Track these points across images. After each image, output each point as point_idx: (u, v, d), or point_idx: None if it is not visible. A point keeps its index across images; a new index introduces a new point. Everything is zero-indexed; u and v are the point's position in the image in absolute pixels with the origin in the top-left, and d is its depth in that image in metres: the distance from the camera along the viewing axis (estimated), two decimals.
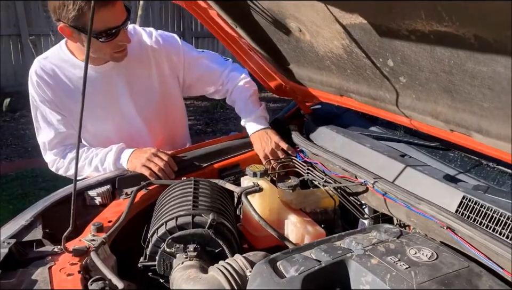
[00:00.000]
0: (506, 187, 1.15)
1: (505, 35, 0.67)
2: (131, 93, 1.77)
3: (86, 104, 1.62)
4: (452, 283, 0.91)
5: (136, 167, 1.62)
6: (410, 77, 1.00)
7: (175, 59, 1.82)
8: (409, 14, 0.80)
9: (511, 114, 0.82)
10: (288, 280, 0.96)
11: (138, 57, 1.75)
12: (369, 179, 1.27)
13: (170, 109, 1.89)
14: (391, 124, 1.49)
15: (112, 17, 1.52)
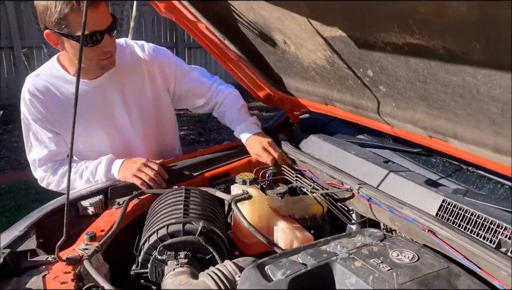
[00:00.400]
0: (485, 190, 1.19)
1: (470, 47, 0.72)
2: (125, 105, 1.79)
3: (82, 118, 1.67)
4: (432, 283, 0.95)
5: (127, 177, 1.65)
6: (389, 86, 1.05)
7: (167, 71, 1.85)
8: (384, 28, 0.85)
9: (482, 120, 0.87)
10: (275, 283, 0.99)
11: (131, 69, 1.78)
12: (354, 185, 1.31)
13: (162, 119, 1.92)
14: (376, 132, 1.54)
15: (95, 21, 1.51)
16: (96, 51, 1.58)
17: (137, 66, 1.79)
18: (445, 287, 0.94)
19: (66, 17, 1.49)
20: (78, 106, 1.60)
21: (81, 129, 1.72)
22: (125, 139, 1.84)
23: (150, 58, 1.81)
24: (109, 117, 1.79)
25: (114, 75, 1.74)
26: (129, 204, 1.55)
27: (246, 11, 1.22)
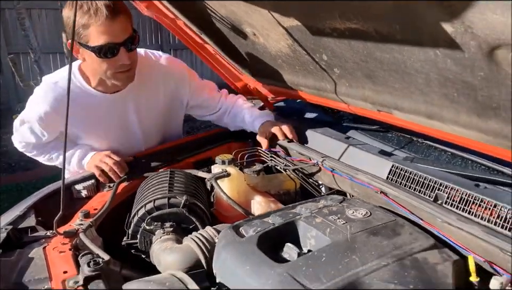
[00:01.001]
0: (431, 158, 1.37)
1: (392, 29, 0.89)
2: (138, 117, 1.86)
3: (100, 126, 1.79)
4: (379, 232, 1.12)
5: (90, 166, 1.75)
6: (341, 67, 1.22)
7: (182, 87, 1.91)
8: (329, 16, 1.01)
9: (414, 91, 1.04)
10: (247, 238, 1.15)
11: (148, 82, 1.81)
12: (319, 159, 1.48)
13: (170, 127, 2.00)
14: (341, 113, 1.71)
15: (111, 33, 1.52)
16: (111, 64, 1.59)
17: (154, 79, 1.83)
18: (391, 235, 1.11)
19: (85, 27, 1.52)
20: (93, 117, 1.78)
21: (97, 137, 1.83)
22: (133, 147, 1.92)
23: (167, 71, 1.85)
24: (124, 126, 1.86)
25: (131, 91, 1.78)
26: (119, 186, 1.70)
27: (218, 7, 1.38)
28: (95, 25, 1.51)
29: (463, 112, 0.98)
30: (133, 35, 1.60)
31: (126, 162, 1.78)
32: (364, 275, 0.97)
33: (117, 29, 1.53)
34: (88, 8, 1.51)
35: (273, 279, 0.98)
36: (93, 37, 1.53)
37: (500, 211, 1.06)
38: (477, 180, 1.15)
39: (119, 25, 1.53)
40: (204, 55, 1.85)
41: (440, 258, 1.04)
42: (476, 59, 0.79)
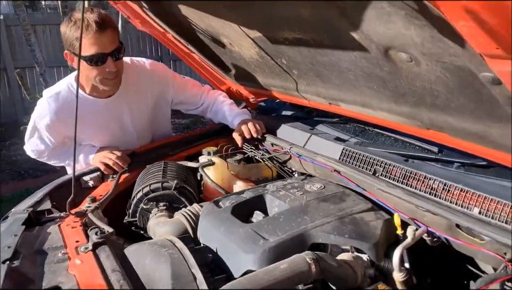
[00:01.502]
0: (378, 142, 1.64)
1: (323, 37, 1.17)
2: (131, 118, 2.08)
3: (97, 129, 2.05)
4: (329, 199, 1.40)
5: (95, 162, 1.99)
6: (298, 69, 1.50)
7: (166, 87, 2.15)
8: (280, 28, 1.30)
9: (350, 85, 1.32)
10: (223, 208, 1.43)
11: (136, 87, 2.05)
12: (287, 147, 1.76)
13: (159, 123, 2.25)
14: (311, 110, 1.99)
15: (100, 44, 1.74)
16: (100, 71, 1.80)
17: (141, 83, 2.05)
18: (337, 201, 1.39)
19: (77, 40, 1.74)
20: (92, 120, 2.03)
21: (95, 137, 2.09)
22: (128, 143, 2.17)
23: (152, 74, 2.08)
24: (118, 127, 2.09)
25: (122, 95, 2.01)
26: (121, 177, 1.98)
27: (198, 21, 1.67)
28: (86, 38, 1.73)
29: (384, 100, 1.25)
30: (119, 46, 1.82)
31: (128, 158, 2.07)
32: (311, 229, 1.25)
33: (105, 41, 1.76)
34: (75, 23, 1.77)
35: (241, 234, 1.26)
36: (84, 47, 1.75)
37: (429, 181, 1.33)
38: (408, 157, 1.43)
39: (106, 38, 1.76)
40: (192, 63, 2.13)
41: (374, 217, 1.32)
42: (378, 58, 1.07)
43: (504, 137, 0.97)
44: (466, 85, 0.91)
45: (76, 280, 1.27)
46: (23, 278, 1.30)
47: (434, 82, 0.99)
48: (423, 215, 1.26)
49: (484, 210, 1.14)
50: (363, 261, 1.23)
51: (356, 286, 1.18)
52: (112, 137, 2.12)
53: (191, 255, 1.25)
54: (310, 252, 1.14)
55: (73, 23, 1.79)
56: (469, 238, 1.16)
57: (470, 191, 1.19)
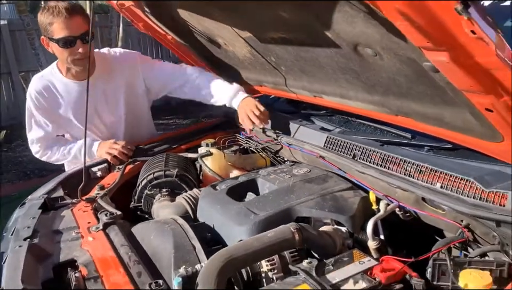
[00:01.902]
0: (359, 131, 1.81)
1: (303, 36, 1.34)
2: (107, 101, 2.25)
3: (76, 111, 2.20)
4: (313, 180, 1.57)
5: (102, 154, 2.16)
6: (285, 66, 1.68)
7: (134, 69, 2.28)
8: (267, 29, 1.47)
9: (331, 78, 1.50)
10: (219, 190, 1.60)
11: (110, 72, 2.23)
12: (277, 137, 1.93)
13: (138, 109, 2.38)
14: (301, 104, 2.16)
15: (69, 28, 1.95)
16: (69, 52, 2.01)
17: (113, 69, 2.23)
18: (321, 182, 1.56)
19: (51, 24, 1.96)
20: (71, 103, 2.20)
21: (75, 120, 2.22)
22: (109, 127, 2.34)
23: (122, 60, 2.27)
24: (96, 111, 2.24)
25: (98, 78, 2.18)
26: (126, 168, 2.15)
27: (196, 24, 1.84)
28: (57, 22, 1.95)
29: (359, 91, 1.42)
30: (87, 31, 1.97)
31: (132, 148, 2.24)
32: (296, 205, 1.42)
33: (74, 25, 1.96)
34: (52, 11, 1.96)
35: (234, 210, 1.43)
36: (56, 31, 1.97)
37: (401, 163, 1.50)
38: (384, 143, 1.60)
39: (75, 23, 1.96)
40: (191, 63, 2.31)
41: (352, 194, 1.49)
42: (350, 53, 1.24)
43: (454, 119, 1.14)
44: (420, 74, 1.08)
45: (89, 254, 1.44)
46: (43, 253, 1.47)
47: (396, 73, 1.16)
48: (394, 192, 1.43)
49: (445, 184, 1.31)
50: (342, 232, 1.40)
51: (336, 254, 1.34)
52: (93, 122, 2.25)
53: (190, 229, 1.42)
54: (294, 223, 1.31)
55: (47, 10, 1.99)
56: (432, 209, 1.33)
57: (434, 168, 1.36)
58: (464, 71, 0.86)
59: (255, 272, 1.28)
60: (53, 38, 2.00)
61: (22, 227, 1.58)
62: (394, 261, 1.19)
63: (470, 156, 1.39)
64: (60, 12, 1.95)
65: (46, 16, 1.98)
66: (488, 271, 1.09)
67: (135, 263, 1.33)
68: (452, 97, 1.06)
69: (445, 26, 0.77)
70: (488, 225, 1.21)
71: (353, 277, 1.16)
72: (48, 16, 1.98)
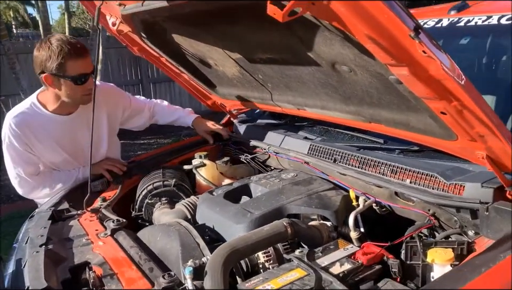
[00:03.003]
0: (339, 139, 2.03)
1: (288, 56, 1.56)
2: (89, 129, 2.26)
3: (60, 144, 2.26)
4: (300, 183, 1.77)
5: (98, 170, 2.28)
6: (271, 82, 1.89)
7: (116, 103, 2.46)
8: (255, 51, 1.68)
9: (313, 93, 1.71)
10: (217, 195, 1.79)
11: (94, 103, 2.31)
12: (265, 147, 2.13)
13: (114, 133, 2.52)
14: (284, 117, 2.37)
15: (84, 66, 2.05)
16: (82, 89, 2.09)
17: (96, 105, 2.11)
18: (307, 184, 1.76)
19: (66, 62, 1.99)
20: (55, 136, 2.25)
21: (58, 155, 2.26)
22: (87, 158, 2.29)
23: (105, 95, 2.34)
24: (79, 145, 2.29)
25: (81, 114, 2.24)
26: (125, 181, 2.31)
27: (188, 47, 2.04)
28: (72, 60, 2.00)
29: (337, 102, 1.64)
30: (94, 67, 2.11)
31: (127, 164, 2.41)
32: (286, 204, 1.61)
33: (87, 62, 2.08)
34: (60, 49, 1.98)
35: (232, 211, 1.61)
36: (71, 69, 2.02)
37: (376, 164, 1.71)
38: (360, 148, 1.82)
39: (88, 60, 2.09)
40: (182, 82, 2.50)
41: (335, 193, 1.70)
42: (329, 71, 1.46)
43: (417, 122, 1.37)
44: (387, 86, 1.30)
45: (101, 256, 1.60)
46: (58, 257, 1.62)
47: (368, 86, 1.39)
48: (371, 189, 1.65)
49: (414, 180, 1.54)
50: (328, 226, 1.60)
51: (323, 244, 1.54)
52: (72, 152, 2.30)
53: (194, 229, 1.59)
54: (287, 219, 1.50)
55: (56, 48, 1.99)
56: (404, 202, 1.55)
57: (404, 167, 1.58)
58: (421, 82, 1.09)
59: (253, 263, 1.46)
60: (67, 76, 2.04)
61: (36, 236, 1.72)
62: (374, 246, 1.39)
63: (434, 156, 1.62)
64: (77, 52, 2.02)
65: (55, 54, 2.00)
66: (451, 249, 1.31)
67: (146, 261, 1.50)
68: (414, 104, 1.28)
69: (403, 48, 0.99)
70: (450, 212, 1.43)
71: (339, 261, 1.36)
72: (58, 54, 1.99)
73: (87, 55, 2.09)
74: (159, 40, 2.07)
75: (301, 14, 1.01)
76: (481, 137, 1.20)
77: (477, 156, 1.31)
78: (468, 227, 1.39)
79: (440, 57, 0.97)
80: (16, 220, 5.32)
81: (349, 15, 0.96)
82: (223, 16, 1.46)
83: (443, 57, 0.98)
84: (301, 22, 1.10)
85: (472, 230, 1.39)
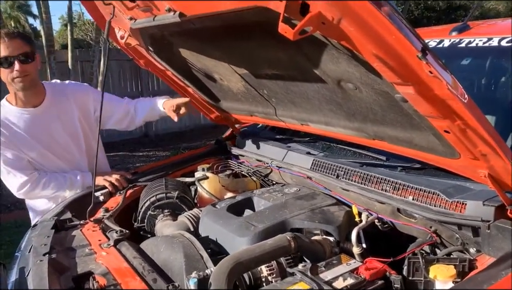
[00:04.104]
0: (341, 155, 2.06)
1: (294, 73, 1.59)
2: (63, 128, 2.38)
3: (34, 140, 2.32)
4: (303, 197, 1.79)
5: (100, 181, 2.31)
6: (276, 98, 1.92)
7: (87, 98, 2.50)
8: (262, 66, 1.72)
9: (318, 109, 1.74)
10: (220, 208, 1.80)
11: (62, 101, 2.41)
12: (268, 161, 2.16)
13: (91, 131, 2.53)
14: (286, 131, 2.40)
15: (8, 49, 2.11)
16: (8, 72, 2.16)
17: (66, 98, 2.41)
18: (310, 199, 1.78)
19: None
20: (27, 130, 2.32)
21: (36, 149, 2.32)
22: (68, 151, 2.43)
23: (74, 90, 2.47)
24: (53, 138, 2.37)
25: (50, 107, 2.35)
26: (127, 192, 2.32)
27: (195, 61, 2.08)
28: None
29: (341, 119, 1.67)
30: (26, 52, 2.17)
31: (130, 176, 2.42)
32: (289, 218, 1.63)
33: (13, 46, 2.14)
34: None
35: (236, 224, 1.63)
36: None
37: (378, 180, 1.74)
38: (363, 164, 1.84)
39: (15, 44, 2.14)
40: (186, 95, 2.53)
41: (338, 209, 1.72)
42: (334, 88, 1.49)
43: (421, 140, 1.40)
44: (392, 104, 1.33)
45: (104, 266, 1.60)
46: (62, 266, 1.63)
47: (372, 103, 1.42)
48: (373, 205, 1.67)
49: (416, 197, 1.56)
50: (330, 241, 1.61)
51: (325, 259, 1.55)
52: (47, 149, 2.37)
53: (197, 241, 1.61)
54: (290, 233, 1.52)
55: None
56: (406, 218, 1.57)
57: (406, 184, 1.60)
58: (426, 101, 1.12)
59: (256, 277, 1.47)
60: None
61: (39, 245, 1.72)
62: (376, 261, 1.41)
63: (435, 174, 1.65)
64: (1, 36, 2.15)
65: None
66: (453, 265, 1.32)
67: (149, 272, 1.50)
68: (418, 122, 1.31)
69: (410, 68, 1.02)
70: (451, 229, 1.45)
71: (342, 275, 1.37)
72: None
73: (12, 39, 2.15)
74: (165, 54, 2.10)
75: (311, 33, 1.04)
76: (484, 156, 1.23)
77: (479, 175, 1.34)
78: (470, 244, 1.41)
79: (445, 77, 1.00)
80: (13, 229, 5.31)
81: (358, 35, 0.99)
82: (232, 32, 1.50)
83: (448, 76, 1.01)
84: (308, 40, 1.13)
85: (474, 247, 1.40)
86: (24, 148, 2.31)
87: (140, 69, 9.96)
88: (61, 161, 2.44)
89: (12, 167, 2.30)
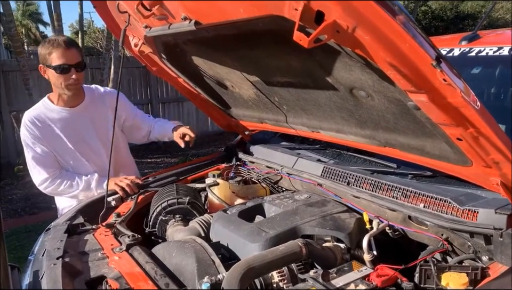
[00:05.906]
0: (350, 162, 2.07)
1: (306, 80, 1.61)
2: (95, 130, 2.50)
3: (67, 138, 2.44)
4: (313, 204, 1.79)
5: (111, 186, 2.36)
6: (287, 105, 1.94)
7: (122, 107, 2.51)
8: (274, 74, 1.74)
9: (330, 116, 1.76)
10: (231, 214, 1.81)
11: (97, 104, 2.54)
12: (278, 168, 2.17)
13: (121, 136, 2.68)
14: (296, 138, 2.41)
15: (65, 57, 2.27)
16: (63, 78, 2.31)
17: (101, 102, 2.55)
18: (320, 206, 1.79)
19: (50, 54, 2.27)
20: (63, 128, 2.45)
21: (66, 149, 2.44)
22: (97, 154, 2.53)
23: (112, 98, 2.52)
24: (84, 140, 2.49)
25: (86, 108, 2.50)
26: (138, 198, 2.34)
27: (207, 69, 2.11)
28: (55, 52, 2.27)
29: (352, 126, 1.69)
30: (80, 62, 2.33)
31: (141, 181, 2.45)
32: (301, 224, 1.64)
33: (70, 55, 2.29)
34: (52, 42, 2.28)
35: (247, 230, 1.64)
36: (54, 60, 2.28)
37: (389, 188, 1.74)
38: (374, 171, 1.85)
39: (72, 53, 2.30)
40: (197, 101, 2.56)
41: (349, 215, 1.72)
42: (346, 95, 1.50)
43: (433, 148, 1.41)
44: (404, 111, 1.34)
45: (117, 270, 1.62)
46: (75, 270, 1.65)
47: (384, 111, 1.43)
48: (384, 212, 1.67)
49: (427, 205, 1.56)
50: (341, 248, 1.62)
51: (336, 266, 1.55)
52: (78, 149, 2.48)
53: (209, 246, 1.62)
54: (301, 239, 1.52)
55: (47, 42, 2.33)
56: (417, 226, 1.57)
57: (417, 192, 1.61)
58: (439, 109, 1.13)
59: (267, 282, 1.48)
60: (50, 65, 2.30)
61: (53, 249, 1.75)
62: (388, 268, 1.41)
63: (446, 182, 1.65)
64: (59, 44, 2.28)
65: (46, 48, 2.30)
66: (465, 273, 1.32)
67: (161, 276, 1.52)
68: (430, 130, 1.32)
69: (424, 76, 1.04)
70: (463, 237, 1.45)
71: (354, 282, 1.37)
72: (48, 47, 2.29)
73: (70, 48, 2.30)
74: (178, 62, 2.13)
75: (326, 42, 1.06)
76: (496, 164, 1.23)
77: (491, 183, 1.34)
78: (482, 252, 1.41)
79: (459, 85, 1.01)
80: (22, 234, 5.35)
81: (373, 43, 1.01)
82: (245, 40, 1.52)
83: (461, 84, 1.03)
84: (321, 48, 1.15)
85: (486, 255, 1.40)
86: (55, 146, 2.43)
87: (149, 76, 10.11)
88: (89, 163, 2.53)
89: (37, 162, 2.42)
